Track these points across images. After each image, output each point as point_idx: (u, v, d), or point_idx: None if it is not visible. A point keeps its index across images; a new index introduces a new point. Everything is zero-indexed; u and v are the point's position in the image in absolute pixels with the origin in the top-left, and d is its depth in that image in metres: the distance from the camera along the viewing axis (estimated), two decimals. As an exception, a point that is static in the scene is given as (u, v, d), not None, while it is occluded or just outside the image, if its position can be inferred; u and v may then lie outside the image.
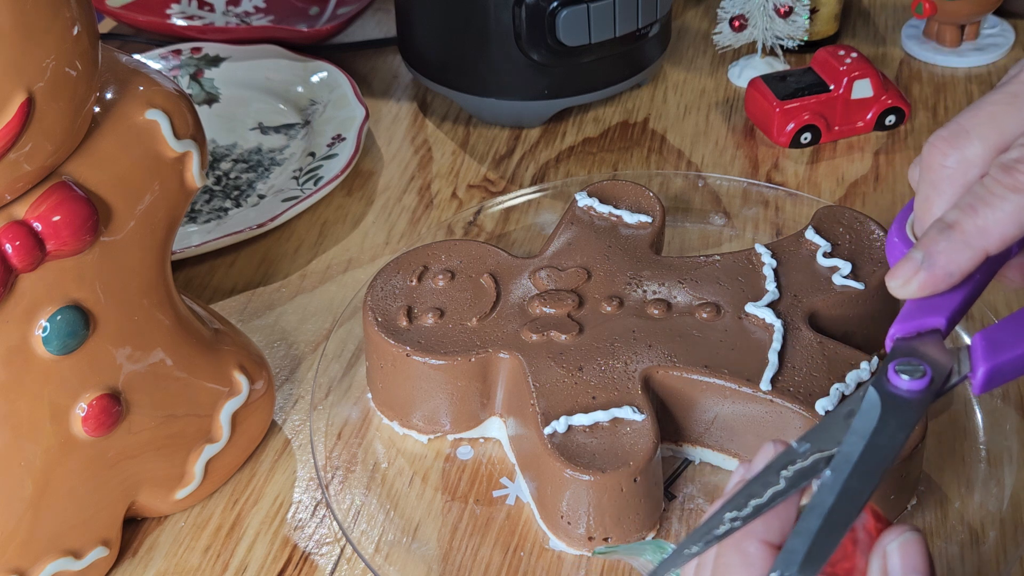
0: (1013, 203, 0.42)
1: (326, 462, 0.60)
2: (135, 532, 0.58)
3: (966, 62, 0.89)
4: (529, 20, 0.76)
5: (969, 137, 0.44)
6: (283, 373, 0.66)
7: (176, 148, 0.51)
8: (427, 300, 0.61)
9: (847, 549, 0.38)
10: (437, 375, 0.59)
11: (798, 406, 0.54)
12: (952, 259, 0.43)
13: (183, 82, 0.88)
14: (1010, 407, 0.61)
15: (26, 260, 0.47)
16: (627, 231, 0.65)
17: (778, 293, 0.60)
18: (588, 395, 0.56)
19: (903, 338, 0.43)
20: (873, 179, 0.78)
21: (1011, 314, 0.44)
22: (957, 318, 0.44)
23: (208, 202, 0.78)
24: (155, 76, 0.52)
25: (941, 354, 0.43)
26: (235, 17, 0.97)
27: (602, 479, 0.52)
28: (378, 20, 0.98)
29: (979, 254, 0.43)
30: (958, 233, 0.42)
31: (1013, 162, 0.42)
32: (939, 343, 0.43)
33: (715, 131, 0.83)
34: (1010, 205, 0.42)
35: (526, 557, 0.55)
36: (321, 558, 0.57)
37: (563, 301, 0.60)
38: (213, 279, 0.73)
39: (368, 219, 0.77)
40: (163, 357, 0.54)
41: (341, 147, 0.79)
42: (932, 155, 0.44)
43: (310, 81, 0.87)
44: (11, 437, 0.50)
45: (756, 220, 0.74)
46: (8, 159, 0.44)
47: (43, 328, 0.49)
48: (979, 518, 0.56)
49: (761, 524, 0.38)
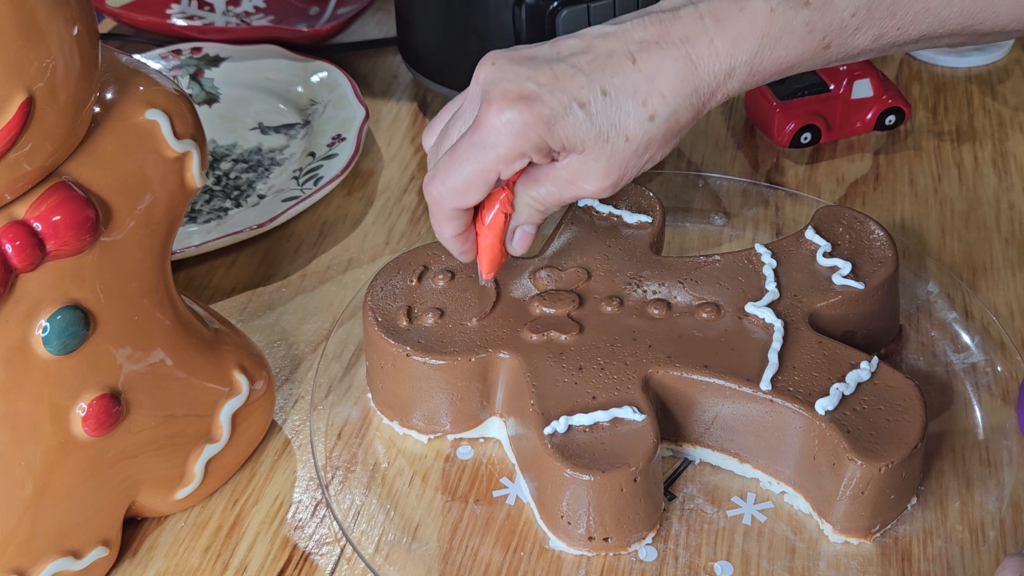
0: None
1: (326, 462, 0.60)
2: (135, 532, 0.58)
3: (966, 62, 0.89)
4: (529, 20, 0.76)
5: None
6: (283, 373, 0.66)
7: (176, 148, 0.51)
8: (427, 300, 0.61)
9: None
10: (437, 375, 0.59)
11: (798, 406, 0.54)
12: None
13: (183, 82, 0.88)
14: (1010, 407, 0.61)
15: (26, 260, 0.47)
16: (627, 231, 0.65)
17: (778, 293, 0.60)
18: (588, 395, 0.56)
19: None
20: (873, 179, 0.78)
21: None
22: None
23: (208, 202, 0.78)
24: (155, 76, 0.52)
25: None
26: (235, 17, 0.97)
27: (602, 479, 0.52)
28: (378, 20, 0.98)
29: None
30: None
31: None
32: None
33: (715, 131, 0.83)
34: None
35: (526, 557, 0.55)
36: (321, 558, 0.56)
37: (563, 301, 0.60)
38: (213, 279, 0.73)
39: (368, 219, 0.77)
40: (163, 357, 0.54)
41: (341, 147, 0.79)
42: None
43: (310, 81, 0.87)
44: (11, 437, 0.50)
45: (756, 220, 0.74)
46: (8, 159, 0.44)
47: (43, 328, 0.49)
48: (979, 518, 0.56)
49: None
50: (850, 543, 0.55)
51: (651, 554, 0.55)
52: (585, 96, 0.52)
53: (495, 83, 0.52)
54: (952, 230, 0.74)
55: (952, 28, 0.53)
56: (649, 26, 0.53)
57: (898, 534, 0.56)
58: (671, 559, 0.55)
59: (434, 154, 0.57)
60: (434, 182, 0.54)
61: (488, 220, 0.56)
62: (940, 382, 0.63)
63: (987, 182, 0.78)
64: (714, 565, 0.55)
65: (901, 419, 0.54)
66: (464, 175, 0.53)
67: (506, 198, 0.55)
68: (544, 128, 0.51)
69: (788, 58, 0.53)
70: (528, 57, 0.53)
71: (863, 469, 0.52)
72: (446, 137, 0.56)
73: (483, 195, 0.54)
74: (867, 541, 0.55)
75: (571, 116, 0.51)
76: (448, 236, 0.56)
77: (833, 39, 0.53)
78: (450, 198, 0.54)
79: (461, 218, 0.55)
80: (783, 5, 0.52)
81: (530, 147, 0.52)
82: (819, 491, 0.55)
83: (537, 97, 0.51)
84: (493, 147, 0.52)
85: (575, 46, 0.53)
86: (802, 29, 0.52)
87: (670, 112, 0.52)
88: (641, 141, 0.53)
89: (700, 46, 0.52)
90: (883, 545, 0.55)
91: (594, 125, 0.52)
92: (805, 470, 0.56)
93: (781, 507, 0.57)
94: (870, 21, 0.52)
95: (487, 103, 0.52)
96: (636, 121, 0.52)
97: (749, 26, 0.52)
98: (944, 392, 0.62)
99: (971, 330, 0.65)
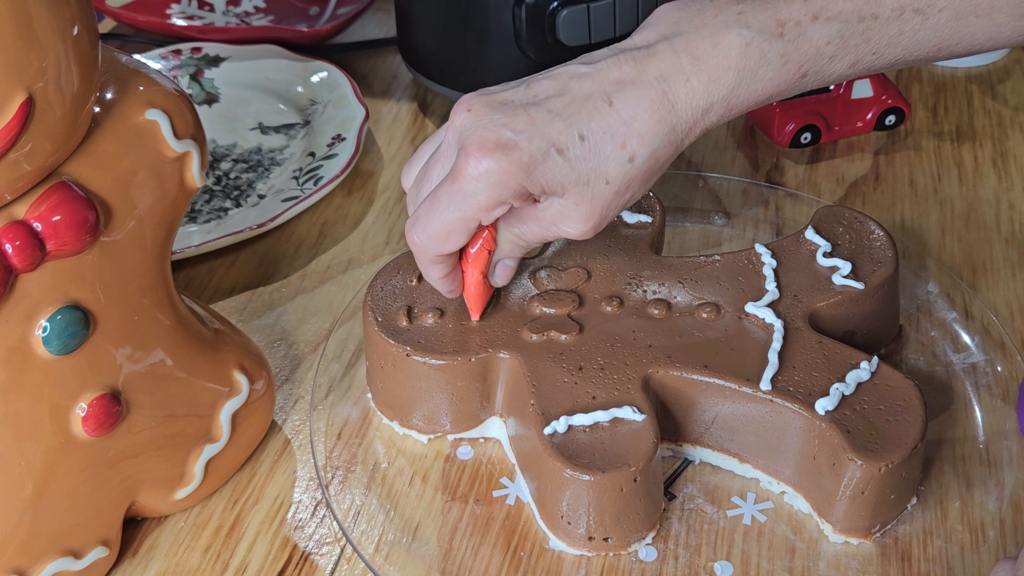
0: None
1: (326, 462, 0.60)
2: (135, 532, 0.58)
3: (966, 62, 0.89)
4: (529, 20, 0.76)
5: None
6: (283, 373, 0.66)
7: (176, 148, 0.51)
8: (427, 300, 0.61)
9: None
10: (437, 375, 0.59)
11: (798, 406, 0.54)
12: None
13: (183, 82, 0.88)
14: (1010, 407, 0.61)
15: (26, 260, 0.47)
16: (627, 231, 0.65)
17: (778, 293, 0.60)
18: (588, 395, 0.56)
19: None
20: (873, 179, 0.78)
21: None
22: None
23: (208, 202, 0.78)
24: (155, 76, 0.52)
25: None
26: (235, 17, 0.97)
27: (602, 479, 0.52)
28: (378, 20, 0.98)
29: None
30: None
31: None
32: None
33: (715, 131, 0.83)
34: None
35: (526, 557, 0.55)
36: (321, 558, 0.57)
37: (563, 301, 0.60)
38: (213, 279, 0.73)
39: (368, 219, 0.77)
40: (163, 357, 0.54)
41: (341, 147, 0.79)
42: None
43: (310, 81, 0.87)
44: (11, 437, 0.50)
45: (756, 220, 0.74)
46: (8, 159, 0.44)
47: (43, 328, 0.49)
48: (979, 518, 0.56)
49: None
50: (850, 543, 0.55)
51: (651, 554, 0.55)
52: (563, 141, 0.52)
53: (472, 130, 0.52)
54: (952, 230, 0.74)
55: (928, 50, 0.53)
56: (624, 65, 0.52)
57: (898, 534, 0.56)
58: (671, 559, 0.55)
59: (414, 196, 0.57)
60: (415, 230, 0.55)
61: (471, 258, 0.57)
62: (940, 382, 0.63)
63: (987, 182, 0.78)
64: (714, 565, 0.55)
65: (901, 419, 0.54)
66: (445, 223, 0.53)
67: (489, 235, 0.56)
68: (523, 175, 0.51)
69: (765, 90, 0.53)
70: (504, 102, 0.53)
71: (863, 469, 0.52)
72: (425, 180, 0.56)
73: (465, 241, 0.55)
74: (867, 541, 0.55)
75: (550, 162, 0.51)
76: (436, 278, 0.57)
77: (809, 68, 0.53)
78: (433, 245, 0.55)
79: (446, 261, 0.56)
80: (758, 38, 0.52)
81: (510, 194, 0.52)
82: (819, 491, 0.55)
83: (515, 145, 0.51)
84: (473, 195, 0.52)
85: (551, 88, 0.53)
86: (777, 61, 0.52)
87: (649, 152, 0.52)
88: (622, 183, 0.53)
89: (676, 85, 0.52)
90: (883, 545, 0.55)
91: (573, 169, 0.52)
92: (805, 470, 0.56)
93: (781, 507, 0.57)
94: (845, 48, 0.52)
95: (464, 152, 0.52)
96: (616, 163, 0.52)
97: (724, 62, 0.52)
98: (944, 392, 0.62)
99: (971, 330, 0.65)
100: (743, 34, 0.52)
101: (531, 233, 0.55)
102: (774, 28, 0.52)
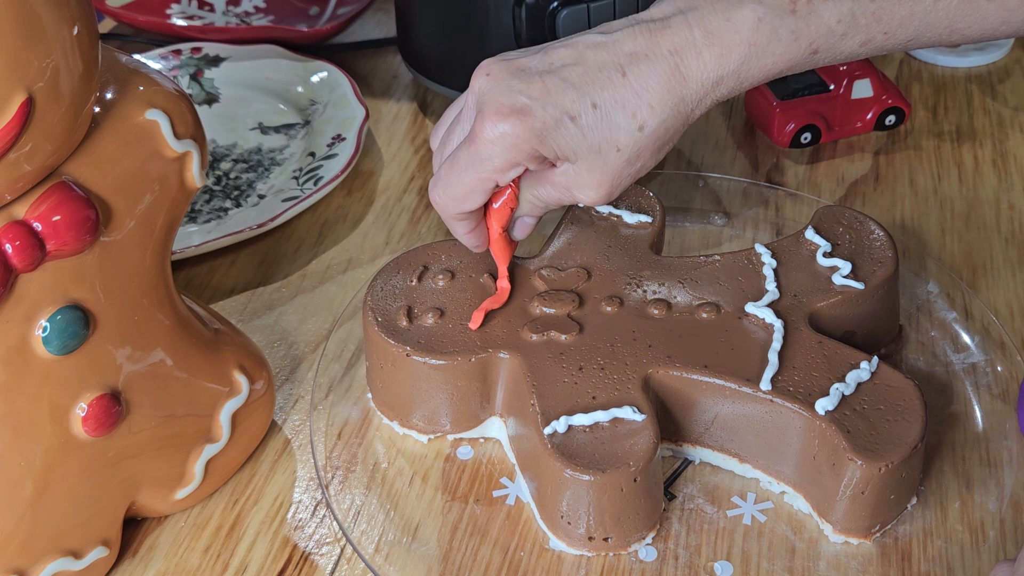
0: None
1: (326, 462, 0.60)
2: (135, 532, 0.58)
3: (966, 62, 0.89)
4: (529, 20, 0.76)
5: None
6: (283, 373, 0.66)
7: (176, 148, 0.51)
8: (427, 300, 0.61)
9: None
10: (437, 375, 0.59)
11: (798, 406, 0.54)
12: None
13: (183, 82, 0.88)
14: (1010, 407, 0.61)
15: (26, 260, 0.47)
16: (627, 231, 0.65)
17: (778, 293, 0.60)
18: (588, 395, 0.56)
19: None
20: (873, 179, 0.78)
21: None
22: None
23: (208, 202, 0.78)
24: (155, 76, 0.52)
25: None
26: (235, 17, 0.97)
27: (602, 479, 0.52)
28: (378, 20, 0.98)
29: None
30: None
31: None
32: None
33: (715, 131, 0.83)
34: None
35: (526, 557, 0.55)
36: (321, 558, 0.57)
37: (563, 301, 0.60)
38: (213, 279, 0.73)
39: (368, 219, 0.77)
40: (163, 357, 0.54)
41: (341, 147, 0.79)
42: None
43: (310, 81, 0.87)
44: (11, 437, 0.50)
45: (756, 220, 0.74)
46: (8, 159, 0.44)
47: (43, 328, 0.49)
48: (979, 518, 0.56)
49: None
50: (850, 543, 0.55)
51: (651, 554, 0.55)
52: (576, 109, 0.53)
53: (489, 95, 0.54)
54: (952, 230, 0.74)
55: (940, 32, 0.54)
56: (639, 36, 0.54)
57: (898, 534, 0.56)
58: (671, 559, 0.55)
59: (437, 157, 0.59)
60: (436, 189, 0.57)
61: (494, 213, 0.59)
62: (940, 382, 0.63)
63: (987, 182, 0.78)
64: (714, 565, 0.55)
65: (901, 419, 0.54)
66: (463, 184, 0.55)
67: (511, 193, 0.57)
68: (536, 140, 0.53)
69: (775, 65, 0.54)
70: (521, 68, 0.54)
71: (863, 469, 0.52)
72: (447, 142, 0.58)
73: (483, 200, 0.56)
74: (867, 541, 0.55)
75: (562, 129, 0.53)
76: (462, 233, 0.59)
77: (820, 45, 0.54)
78: (452, 205, 0.57)
79: (469, 219, 0.58)
80: (770, 14, 0.53)
81: (524, 157, 0.54)
82: (819, 491, 0.55)
83: (529, 111, 0.53)
84: (488, 159, 0.54)
85: (567, 56, 0.54)
86: (788, 37, 0.53)
87: (659, 122, 0.54)
88: (632, 151, 0.54)
89: (689, 58, 0.53)
90: (883, 545, 0.55)
91: (585, 137, 0.53)
92: (805, 470, 0.56)
93: (781, 507, 0.57)
94: (856, 27, 0.53)
95: (481, 116, 0.54)
96: (627, 132, 0.53)
97: (736, 36, 0.53)
98: (944, 392, 0.62)
99: (971, 330, 0.65)
100: (756, 10, 0.53)
101: (548, 196, 0.57)
102: (786, 5, 0.53)
